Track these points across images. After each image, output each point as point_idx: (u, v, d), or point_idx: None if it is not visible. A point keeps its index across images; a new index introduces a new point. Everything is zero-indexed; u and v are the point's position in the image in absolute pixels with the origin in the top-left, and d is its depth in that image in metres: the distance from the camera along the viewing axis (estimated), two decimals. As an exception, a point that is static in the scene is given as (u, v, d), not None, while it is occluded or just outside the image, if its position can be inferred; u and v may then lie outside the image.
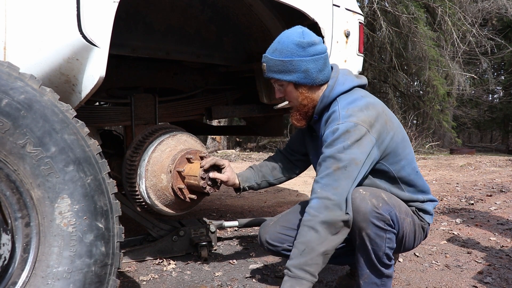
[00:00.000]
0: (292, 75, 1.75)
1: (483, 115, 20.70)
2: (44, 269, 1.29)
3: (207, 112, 2.86)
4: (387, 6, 10.68)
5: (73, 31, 1.46)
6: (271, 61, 1.77)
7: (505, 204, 4.38)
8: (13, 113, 1.25)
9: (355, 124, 1.64)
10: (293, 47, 1.72)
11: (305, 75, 1.75)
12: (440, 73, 11.86)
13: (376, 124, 1.69)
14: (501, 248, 2.79)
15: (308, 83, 1.77)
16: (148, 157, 2.19)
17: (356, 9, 2.63)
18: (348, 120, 1.65)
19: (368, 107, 1.71)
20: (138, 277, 2.24)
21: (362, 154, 1.63)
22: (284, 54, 1.73)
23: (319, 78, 1.77)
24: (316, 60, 1.74)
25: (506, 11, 11.92)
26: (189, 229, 2.55)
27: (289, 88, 1.80)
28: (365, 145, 1.64)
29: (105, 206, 1.40)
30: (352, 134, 1.63)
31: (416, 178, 1.84)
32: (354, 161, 1.62)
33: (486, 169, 7.90)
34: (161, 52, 2.50)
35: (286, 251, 1.98)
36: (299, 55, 1.72)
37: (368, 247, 1.66)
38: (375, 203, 1.63)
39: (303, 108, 1.83)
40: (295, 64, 1.73)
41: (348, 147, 1.62)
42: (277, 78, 1.78)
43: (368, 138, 1.65)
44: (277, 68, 1.75)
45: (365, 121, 1.66)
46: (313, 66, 1.74)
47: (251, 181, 2.07)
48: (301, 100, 1.80)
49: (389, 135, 1.73)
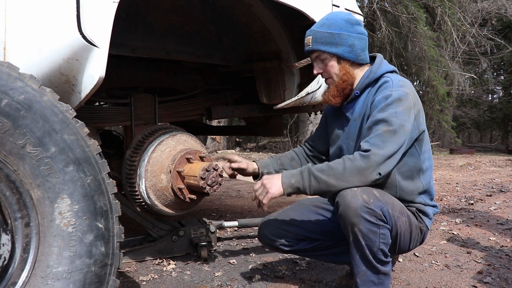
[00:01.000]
0: (339, 47, 1.82)
1: (482, 115, 20.70)
2: (44, 269, 1.29)
3: (207, 112, 2.86)
4: (386, 6, 10.68)
5: (73, 31, 1.46)
6: (318, 33, 1.83)
7: (504, 204, 4.38)
8: (13, 113, 1.25)
9: (407, 94, 1.72)
10: (342, 22, 1.81)
11: (351, 50, 1.82)
12: (440, 73, 11.86)
13: (417, 105, 1.78)
14: (500, 248, 2.79)
15: (352, 58, 1.84)
16: (148, 157, 2.19)
17: (356, 9, 2.64)
18: (401, 89, 1.73)
19: (413, 88, 1.81)
20: (138, 277, 2.24)
21: (410, 123, 1.71)
22: (333, 27, 1.81)
23: (361, 56, 1.85)
24: (361, 38, 1.84)
25: (506, 11, 11.93)
26: (189, 229, 2.55)
27: (332, 62, 1.85)
28: (412, 116, 1.73)
29: (105, 206, 1.40)
30: (404, 103, 1.70)
31: (431, 175, 1.90)
32: (403, 127, 1.68)
33: (485, 169, 7.91)
34: (161, 52, 2.50)
35: (284, 246, 1.99)
36: (348, 30, 1.81)
37: (362, 243, 1.65)
38: (366, 199, 1.63)
39: (342, 83, 1.87)
40: (343, 37, 1.80)
41: (400, 113, 1.68)
42: (323, 50, 1.83)
43: (415, 109, 1.75)
44: (325, 39, 1.81)
45: (414, 95, 1.76)
46: (358, 42, 1.83)
47: (270, 168, 2.09)
48: (342, 75, 1.86)
49: (422, 119, 1.82)
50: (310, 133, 11.43)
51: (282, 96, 2.71)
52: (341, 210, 1.65)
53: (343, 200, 1.65)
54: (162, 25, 2.49)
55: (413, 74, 13.87)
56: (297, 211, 2.06)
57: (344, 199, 1.64)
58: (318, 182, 1.67)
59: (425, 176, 1.86)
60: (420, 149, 1.82)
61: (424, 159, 1.84)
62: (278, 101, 2.72)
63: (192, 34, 2.65)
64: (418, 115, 1.77)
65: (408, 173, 1.82)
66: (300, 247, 2.02)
